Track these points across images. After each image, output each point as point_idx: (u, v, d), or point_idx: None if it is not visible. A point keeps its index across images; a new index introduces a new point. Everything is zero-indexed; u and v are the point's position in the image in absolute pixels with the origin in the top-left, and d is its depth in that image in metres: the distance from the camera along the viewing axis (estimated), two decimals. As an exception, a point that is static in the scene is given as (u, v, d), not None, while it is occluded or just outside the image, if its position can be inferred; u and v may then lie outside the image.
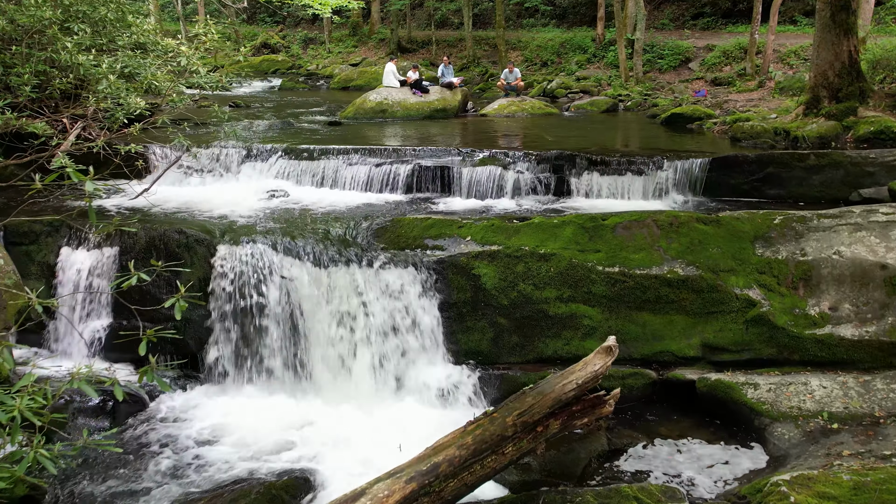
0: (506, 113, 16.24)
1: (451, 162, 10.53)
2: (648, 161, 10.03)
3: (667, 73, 20.51)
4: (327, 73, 28.96)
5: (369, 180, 10.57)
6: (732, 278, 7.75)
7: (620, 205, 9.69)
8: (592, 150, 10.79)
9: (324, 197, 10.31)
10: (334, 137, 12.46)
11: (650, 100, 17.93)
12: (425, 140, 12.35)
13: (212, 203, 9.95)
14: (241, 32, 38.65)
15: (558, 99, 19.86)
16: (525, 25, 31.48)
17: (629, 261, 7.86)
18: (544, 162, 10.30)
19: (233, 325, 8.09)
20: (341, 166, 10.81)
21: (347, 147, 11.11)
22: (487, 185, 10.11)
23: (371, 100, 15.70)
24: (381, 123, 14.94)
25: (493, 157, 10.46)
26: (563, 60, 23.99)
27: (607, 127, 14.71)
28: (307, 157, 11.09)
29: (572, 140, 12.48)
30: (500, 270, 7.90)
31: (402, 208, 9.61)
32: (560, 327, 7.84)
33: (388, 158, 10.80)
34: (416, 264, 7.99)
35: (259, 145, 11.50)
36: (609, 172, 10.09)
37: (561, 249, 7.95)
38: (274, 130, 13.51)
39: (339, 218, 9.05)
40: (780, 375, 7.35)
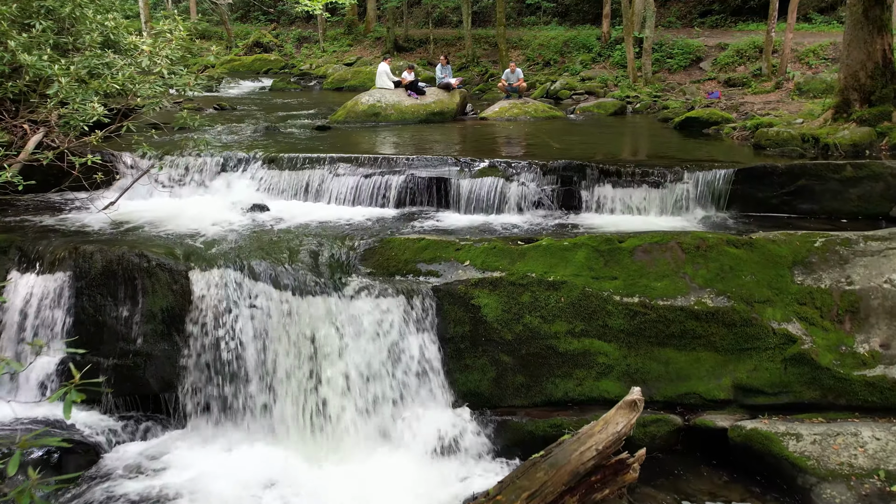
0: (507, 116, 15.31)
1: (448, 172, 9.60)
2: (666, 172, 9.10)
3: (677, 73, 19.59)
4: (321, 72, 28.01)
5: (357, 193, 9.64)
6: (769, 310, 6.82)
7: (636, 221, 8.77)
8: (603, 158, 9.88)
9: (307, 212, 9.38)
10: (321, 144, 11.53)
11: (660, 102, 17.01)
12: (420, 147, 11.42)
13: (182, 219, 9.03)
14: (234, 31, 37.76)
15: (562, 101, 18.93)
16: (526, 23, 30.55)
17: (650, 290, 6.94)
18: (551, 173, 9.37)
19: (199, 363, 7.16)
20: (327, 177, 9.88)
21: (334, 156, 10.18)
22: (488, 199, 9.18)
23: (363, 102, 14.77)
24: (374, 128, 14.01)
25: (495, 168, 9.53)
26: (567, 60, 23.07)
27: (616, 132, 13.78)
28: (290, 166, 10.17)
29: (580, 147, 11.55)
30: (503, 300, 6.98)
31: (393, 225, 8.69)
32: (572, 365, 6.91)
33: (378, 168, 9.87)
34: (408, 293, 7.06)
35: (238, 153, 10.56)
36: (623, 184, 9.17)
37: (572, 276, 7.02)
38: (257, 136, 12.58)
39: (323, 237, 8.12)
40: (826, 424, 6.42)
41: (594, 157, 10.22)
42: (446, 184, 9.44)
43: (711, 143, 11.82)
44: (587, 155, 10.46)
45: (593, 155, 10.55)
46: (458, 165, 9.71)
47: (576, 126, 14.53)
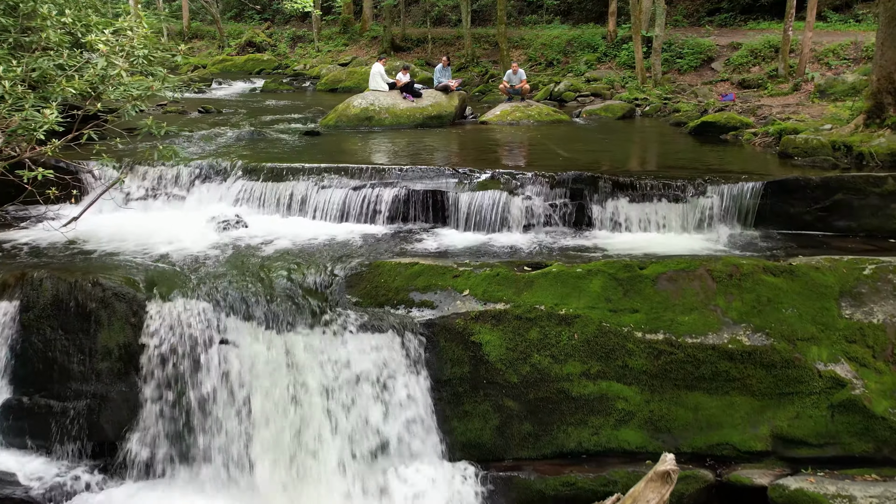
0: (509, 120, 14.45)
1: (445, 185, 8.74)
2: (687, 184, 8.25)
3: (687, 73, 18.74)
4: (315, 73, 27.17)
5: (345, 207, 8.78)
6: (813, 349, 5.98)
7: (655, 241, 7.91)
8: (616, 169, 9.04)
9: (289, 229, 8.52)
10: (308, 152, 10.67)
11: (671, 104, 16.15)
12: (415, 155, 10.55)
13: (150, 237, 8.16)
14: (227, 30, 36.92)
15: (567, 103, 18.07)
16: (527, 22, 29.70)
17: (677, 325, 6.08)
18: (559, 185, 8.51)
19: (161, 407, 6.30)
20: (312, 189, 9.02)
21: (320, 166, 9.32)
22: (490, 215, 8.32)
23: (355, 106, 13.90)
24: (366, 133, 13.15)
25: (497, 180, 8.67)
26: (571, 60, 22.21)
27: (627, 137, 12.93)
28: (271, 177, 9.31)
29: (589, 155, 10.70)
30: (508, 337, 6.12)
31: (383, 246, 7.83)
32: (587, 412, 6.06)
33: (368, 180, 9.00)
34: (399, 328, 6.21)
35: (216, 162, 9.70)
36: (639, 199, 8.31)
37: (587, 309, 6.17)
38: (240, 142, 11.73)
39: (305, 260, 7.27)
40: (883, 483, 5.57)
41: (606, 167, 9.38)
42: (443, 198, 8.58)
43: (731, 151, 10.97)
44: (598, 164, 9.62)
45: (604, 165, 9.70)
46: (456, 177, 8.85)
47: (583, 131, 13.68)
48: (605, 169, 9.16)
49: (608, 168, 9.33)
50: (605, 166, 9.46)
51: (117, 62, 6.72)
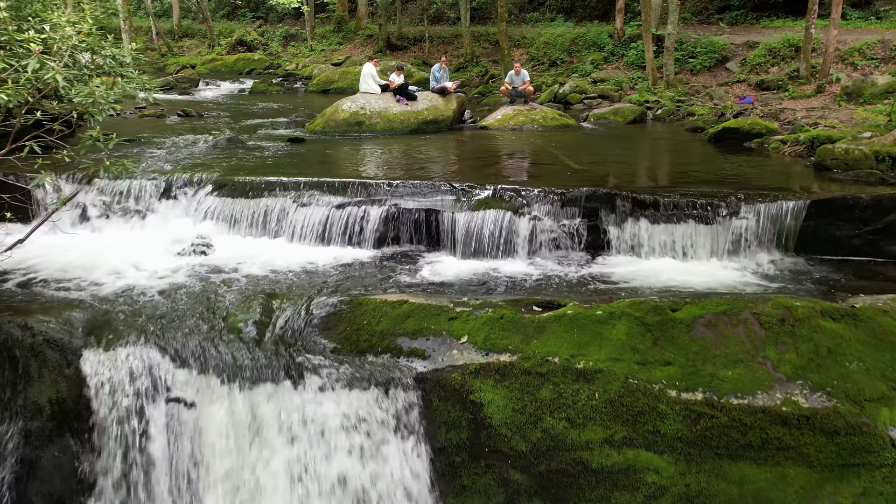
0: (511, 125, 13.44)
1: (440, 203, 7.73)
2: (718, 203, 7.25)
3: (700, 74, 17.74)
4: (307, 73, 26.16)
5: (327, 228, 7.77)
6: (884, 412, 4.97)
7: (681, 269, 6.92)
8: (634, 184, 8.06)
9: (262, 253, 7.51)
10: (289, 162, 9.66)
11: (684, 107, 15.16)
12: (407, 167, 9.54)
13: (102, 264, 7.14)
14: (219, 29, 35.92)
15: (572, 105, 17.07)
16: (529, 20, 28.69)
17: (718, 382, 5.07)
18: (571, 204, 7.51)
19: (98, 478, 5.30)
20: (290, 207, 8.01)
21: (300, 180, 8.31)
22: (492, 239, 7.31)
23: (344, 109, 12.88)
24: (356, 140, 12.14)
25: (500, 197, 7.67)
26: (576, 59, 21.21)
27: (641, 145, 11.93)
28: (245, 193, 8.30)
29: (601, 166, 9.69)
30: (515, 396, 5.12)
31: (368, 275, 6.82)
32: (609, 486, 5.05)
33: (353, 196, 7.99)
34: (384, 384, 5.20)
35: (185, 176, 8.69)
36: (662, 219, 7.31)
37: (610, 362, 5.16)
38: (216, 151, 10.71)
39: (277, 293, 6.26)
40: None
41: (622, 181, 8.40)
42: (438, 218, 7.58)
43: (759, 162, 9.96)
44: (612, 178, 8.63)
45: (619, 178, 8.71)
46: (453, 194, 7.84)
47: (592, 137, 12.66)
48: (621, 184, 8.17)
49: (625, 183, 8.34)
50: (620, 180, 8.47)
51: (52, 64, 5.70)
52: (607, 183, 8.21)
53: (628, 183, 8.24)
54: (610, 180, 8.52)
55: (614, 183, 8.30)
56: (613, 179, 8.60)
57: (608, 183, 8.22)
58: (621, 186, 7.89)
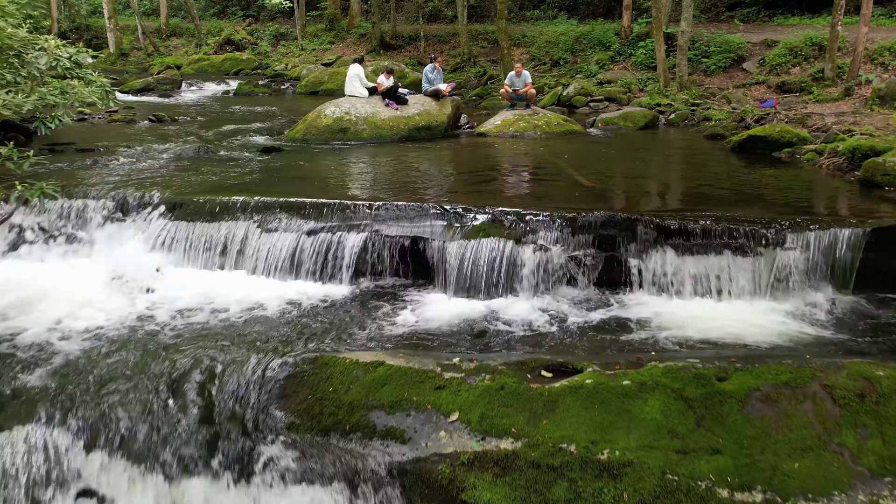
0: (512, 131, 12.32)
1: (429, 229, 6.61)
2: (759, 231, 6.13)
3: (715, 75, 16.63)
4: (296, 74, 25.04)
5: (296, 259, 6.65)
6: None
7: (718, 312, 5.81)
8: (656, 205, 6.95)
9: (217, 289, 6.39)
10: (258, 178, 8.53)
11: (699, 111, 14.05)
12: (393, 182, 8.39)
13: (25, 304, 6.04)
14: (208, 27, 34.81)
15: (577, 109, 15.95)
16: (529, 18, 27.58)
17: (782, 477, 3.94)
18: (584, 231, 6.39)
19: None
20: (254, 233, 6.89)
21: (266, 200, 7.18)
22: (490, 273, 6.19)
23: (327, 115, 11.75)
24: (339, 150, 11.01)
25: (499, 223, 6.54)
26: (580, 59, 20.10)
27: (656, 155, 10.81)
28: (203, 215, 7.18)
29: (616, 181, 8.58)
30: (520, 497, 3.98)
31: (340, 320, 5.70)
32: None
33: (328, 221, 6.86)
34: (351, 476, 4.07)
35: (135, 194, 7.57)
36: (693, 249, 6.19)
37: (643, 451, 4.02)
38: (178, 163, 9.59)
39: (228, 344, 5.15)
40: None
41: (641, 200, 7.28)
42: (427, 247, 6.46)
43: (794, 176, 8.84)
44: (630, 197, 7.52)
45: (638, 197, 7.59)
46: (444, 218, 6.70)
47: (601, 146, 11.54)
48: (641, 205, 7.06)
49: (644, 203, 7.22)
50: (639, 200, 7.35)
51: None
52: (624, 204, 7.10)
53: (649, 204, 7.13)
54: (627, 200, 7.40)
55: (633, 204, 7.18)
56: (631, 199, 7.48)
57: (625, 204, 7.12)
58: (642, 208, 6.78)
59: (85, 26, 37.67)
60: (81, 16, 38.33)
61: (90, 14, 38.83)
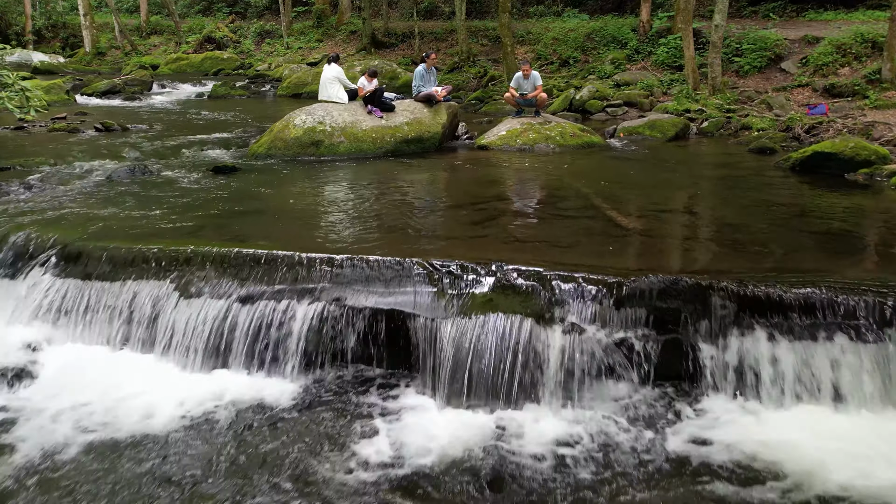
0: (519, 144, 10.45)
1: (413, 299, 4.73)
2: (883, 305, 4.27)
3: (750, 76, 14.77)
4: (278, 74, 23.18)
5: (224, 338, 4.78)
6: None
7: (841, 436, 3.94)
8: (724, 259, 5.07)
9: (110, 386, 4.53)
10: (194, 214, 6.62)
11: (736, 118, 12.19)
12: (366, 224, 6.43)
13: None
14: (191, 25, 32.98)
15: (592, 115, 14.08)
16: (532, 14, 25.69)
17: None
18: (633, 302, 4.51)
19: None
20: (169, 298, 5.02)
21: (191, 250, 5.29)
22: (501, 368, 4.31)
23: (297, 125, 9.85)
24: (309, 168, 9.12)
25: (513, 289, 4.65)
26: (592, 58, 18.24)
27: (700, 176, 8.91)
28: (106, 270, 5.30)
29: (661, 220, 6.68)
30: None
31: (275, 453, 3.83)
32: None
33: (271, 282, 4.98)
34: None
35: (20, 239, 5.70)
36: (791, 331, 4.34)
37: None
38: (103, 189, 7.72)
39: (106, 488, 3.27)
40: None
41: (704, 252, 5.40)
42: (409, 326, 4.59)
43: (887, 209, 6.97)
44: (685, 244, 5.63)
45: (697, 244, 5.69)
46: (433, 281, 4.81)
47: (629, 164, 9.64)
48: (706, 259, 5.18)
49: (709, 254, 5.34)
50: (701, 250, 5.46)
51: None
52: (683, 258, 5.23)
53: (716, 257, 5.24)
54: (685, 251, 5.52)
55: (694, 257, 5.29)
56: (690, 249, 5.59)
57: (685, 258, 5.24)
58: (710, 266, 4.92)
59: (61, 24, 35.86)
60: (58, 13, 36.46)
61: (67, 11, 36.97)
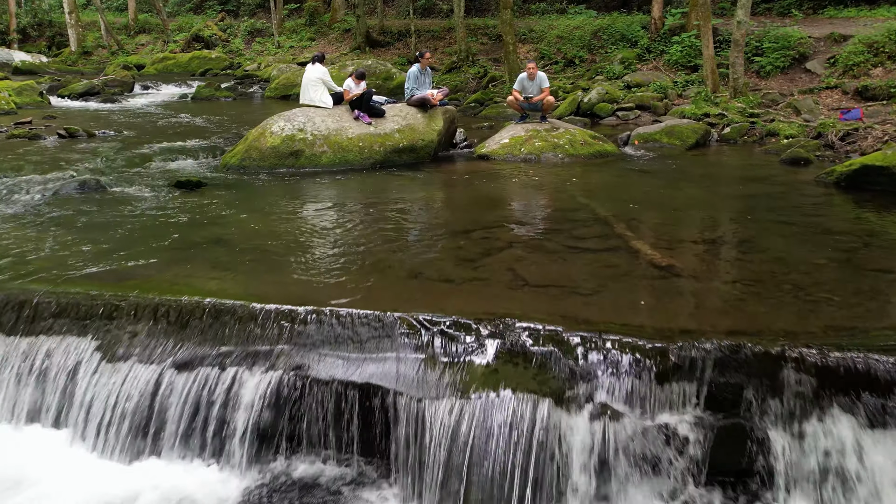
0: (524, 154, 9.42)
1: (395, 369, 3.69)
2: None
3: (772, 77, 13.75)
4: (267, 74, 22.16)
5: (154, 415, 3.76)
6: None
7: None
8: (798, 321, 4.04)
9: (7, 484, 3.48)
10: (141, 248, 5.56)
11: (761, 123, 11.17)
12: (340, 262, 5.39)
13: None
14: (181, 23, 31.98)
15: (601, 119, 13.06)
16: (534, 11, 24.65)
17: None
18: (680, 376, 3.48)
19: None
20: (89, 361, 3.99)
21: (118, 299, 4.25)
22: (510, 472, 3.28)
23: (275, 133, 8.82)
24: (286, 183, 8.09)
25: (523, 355, 3.61)
26: (599, 57, 17.22)
27: (734, 195, 7.83)
28: (7, 322, 4.26)
29: (702, 253, 5.63)
30: None
31: None
32: None
33: (214, 343, 3.94)
34: None
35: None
36: (883, 418, 3.30)
37: None
38: (45, 211, 6.69)
39: None
40: None
41: (760, 303, 4.35)
42: (388, 406, 3.56)
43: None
44: (738, 292, 4.58)
45: (754, 294, 4.61)
46: (421, 346, 3.76)
47: (650, 178, 8.59)
48: (763, 312, 4.14)
49: (765, 306, 4.29)
50: (757, 300, 4.41)
51: None
52: (737, 311, 4.19)
53: (773, 309, 4.19)
54: (735, 300, 4.46)
55: (749, 310, 4.23)
56: (738, 295, 4.53)
57: (738, 311, 4.20)
58: (771, 325, 3.87)
59: (47, 22, 34.85)
60: (43, 10, 35.44)
61: (53, 9, 35.94)
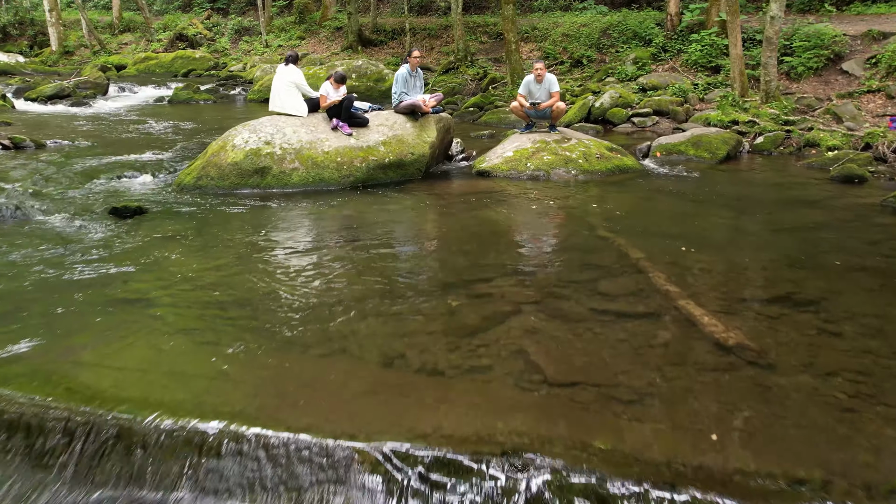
0: (532, 169, 8.13)
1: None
2: None
3: (805, 80, 12.46)
4: (252, 75, 20.89)
5: None
6: None
7: None
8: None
9: None
10: (29, 308, 4.27)
11: (798, 132, 9.89)
12: (287, 333, 4.07)
13: None
14: (166, 21, 30.70)
15: (615, 126, 11.78)
16: (537, 8, 23.39)
17: None
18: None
19: None
20: None
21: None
22: None
23: (237, 146, 7.52)
24: (246, 208, 6.79)
25: (543, 523, 2.32)
26: (610, 57, 15.93)
27: (784, 226, 6.51)
28: None
29: (779, 321, 4.34)
30: None
31: None
32: None
33: (82, 483, 2.65)
34: None
35: None
36: None
37: None
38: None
39: None
40: None
41: (880, 424, 3.05)
42: None
43: None
44: (840, 399, 3.28)
45: (864, 411, 3.31)
46: (390, 499, 2.48)
47: (678, 200, 7.28)
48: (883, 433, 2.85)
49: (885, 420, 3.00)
50: (873, 411, 3.11)
51: None
52: (849, 433, 2.91)
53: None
54: (842, 411, 3.16)
55: (870, 432, 2.95)
56: (845, 404, 3.22)
57: (852, 435, 2.91)
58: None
59: (29, 20, 33.58)
60: (24, 8, 34.17)
61: (35, 7, 34.68)
